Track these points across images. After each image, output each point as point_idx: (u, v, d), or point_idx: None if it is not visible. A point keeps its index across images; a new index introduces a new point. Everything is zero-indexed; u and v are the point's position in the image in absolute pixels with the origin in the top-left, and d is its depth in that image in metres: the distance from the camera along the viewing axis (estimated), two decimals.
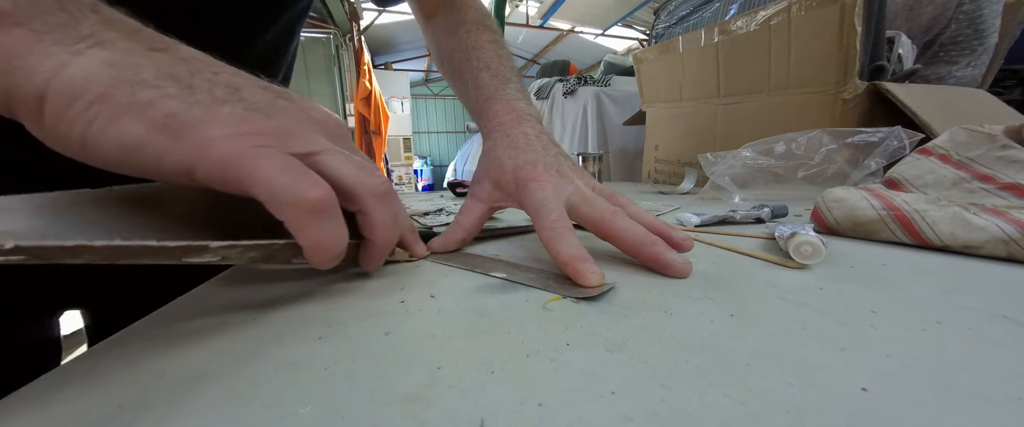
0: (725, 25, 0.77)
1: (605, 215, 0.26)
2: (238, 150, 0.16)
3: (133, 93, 0.15)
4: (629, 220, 0.26)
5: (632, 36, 4.22)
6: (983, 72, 0.83)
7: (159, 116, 0.15)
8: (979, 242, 0.26)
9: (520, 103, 0.34)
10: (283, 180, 0.16)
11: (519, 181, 0.29)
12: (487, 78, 0.35)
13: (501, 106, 0.33)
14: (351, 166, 0.20)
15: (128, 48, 0.15)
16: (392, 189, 0.22)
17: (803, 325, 0.17)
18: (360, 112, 3.04)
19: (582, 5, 3.49)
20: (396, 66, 5.05)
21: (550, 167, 0.29)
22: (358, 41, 3.03)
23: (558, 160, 0.30)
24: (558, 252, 0.24)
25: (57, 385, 0.14)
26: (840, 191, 0.35)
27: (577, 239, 0.24)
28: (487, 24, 0.39)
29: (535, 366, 0.15)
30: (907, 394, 0.13)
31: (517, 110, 0.33)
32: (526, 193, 0.28)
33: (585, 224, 0.27)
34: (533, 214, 0.27)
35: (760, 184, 0.57)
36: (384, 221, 0.21)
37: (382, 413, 0.12)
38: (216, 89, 0.17)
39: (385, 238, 0.22)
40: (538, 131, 0.32)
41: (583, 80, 1.70)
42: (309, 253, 0.18)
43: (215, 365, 0.15)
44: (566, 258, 0.23)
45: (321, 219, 0.17)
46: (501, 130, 0.32)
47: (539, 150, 0.30)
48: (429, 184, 6.39)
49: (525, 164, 0.29)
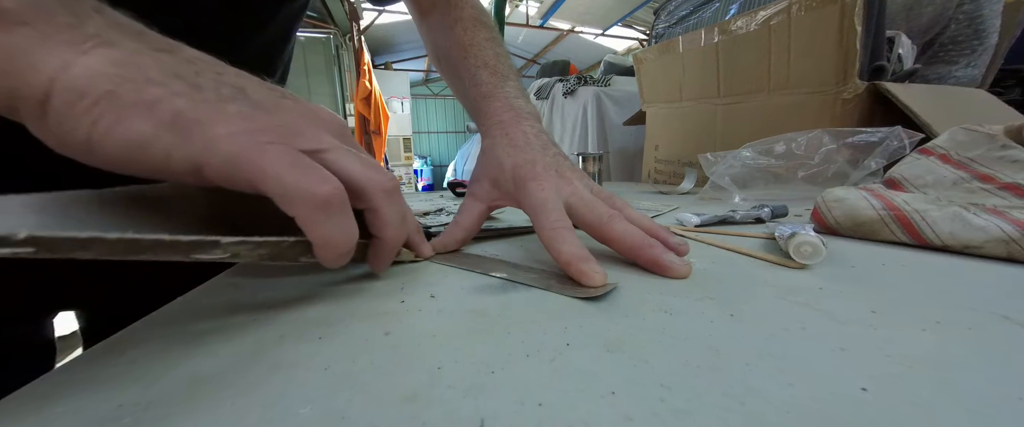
0: (725, 25, 0.77)
1: (602, 218, 0.26)
2: (247, 146, 0.16)
3: (140, 91, 0.15)
4: (627, 224, 0.26)
5: (632, 36, 4.22)
6: (983, 72, 0.83)
7: (167, 114, 0.15)
8: (979, 242, 0.26)
9: (519, 101, 0.34)
10: (293, 175, 0.16)
11: (518, 180, 0.29)
12: (485, 76, 0.35)
13: (500, 104, 0.33)
14: (360, 163, 0.20)
15: (134, 48, 0.15)
16: (399, 187, 0.22)
17: (803, 325, 0.17)
18: (360, 112, 3.04)
19: (582, 5, 3.49)
20: (396, 66, 5.05)
21: (549, 167, 0.29)
22: (358, 41, 3.03)
23: (557, 160, 0.30)
24: (560, 252, 0.24)
25: (57, 385, 0.14)
26: (840, 191, 0.35)
27: (578, 239, 0.24)
28: (483, 21, 0.39)
29: (535, 366, 0.15)
30: (907, 394, 0.13)
31: (516, 108, 0.33)
32: (525, 193, 0.28)
33: (583, 227, 0.27)
34: (533, 214, 0.27)
35: (760, 184, 0.57)
36: (393, 218, 0.21)
37: (382, 413, 0.12)
38: (222, 88, 0.17)
39: (394, 236, 0.22)
40: (537, 130, 0.32)
41: (583, 80, 1.70)
42: (319, 250, 0.18)
43: (215, 365, 0.15)
44: (569, 258, 0.23)
45: (332, 215, 0.17)
46: (500, 128, 0.32)
47: (538, 149, 0.30)
48: (429, 184, 6.39)
49: (524, 163, 0.29)
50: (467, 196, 0.32)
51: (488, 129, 0.32)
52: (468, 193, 0.32)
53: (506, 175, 0.29)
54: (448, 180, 1.49)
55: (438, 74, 0.47)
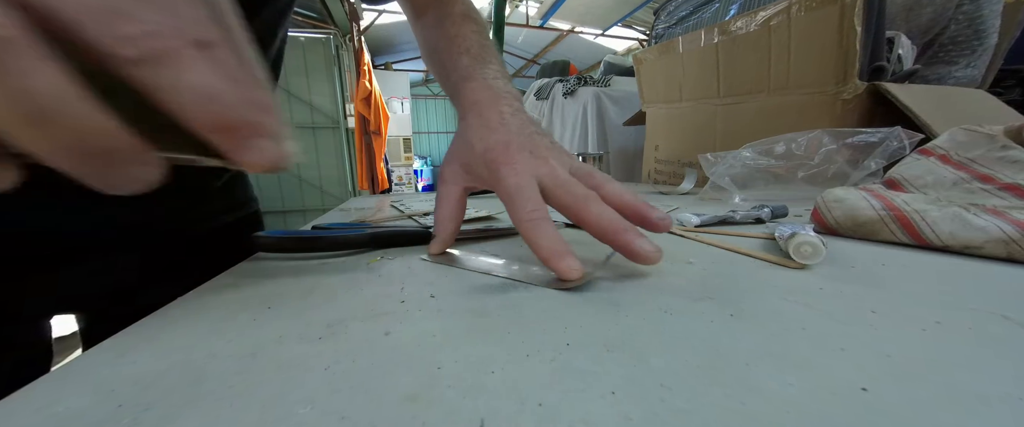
0: (725, 25, 0.77)
1: (578, 200, 0.25)
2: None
3: None
4: (602, 205, 0.25)
5: (632, 36, 4.22)
6: (983, 72, 0.83)
7: None
8: (979, 242, 0.26)
9: (498, 82, 0.33)
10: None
11: (490, 165, 0.27)
12: (466, 60, 0.34)
13: (477, 85, 0.32)
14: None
15: None
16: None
17: (803, 325, 0.17)
18: (360, 112, 3.04)
19: (582, 5, 3.49)
20: (396, 66, 5.05)
21: (523, 148, 0.28)
22: (358, 41, 3.03)
23: (532, 139, 0.29)
24: (539, 247, 0.23)
25: (57, 385, 0.14)
26: (840, 191, 0.35)
27: (555, 230, 0.24)
28: (472, 16, 0.39)
29: (535, 366, 0.15)
30: (907, 394, 0.13)
31: (494, 88, 0.32)
32: (498, 179, 0.26)
33: (559, 210, 0.26)
34: (507, 202, 0.26)
35: (760, 184, 0.57)
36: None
37: (382, 413, 0.12)
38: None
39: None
40: (515, 109, 0.31)
41: (583, 80, 1.70)
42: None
43: (215, 365, 0.15)
44: (547, 253, 0.23)
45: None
46: (475, 110, 0.30)
47: (513, 130, 0.29)
48: (429, 184, 6.39)
49: (496, 145, 0.28)
50: (439, 182, 0.30)
51: (465, 112, 0.31)
52: (440, 179, 0.30)
53: (477, 158, 0.28)
54: None
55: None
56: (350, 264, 0.28)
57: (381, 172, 3.34)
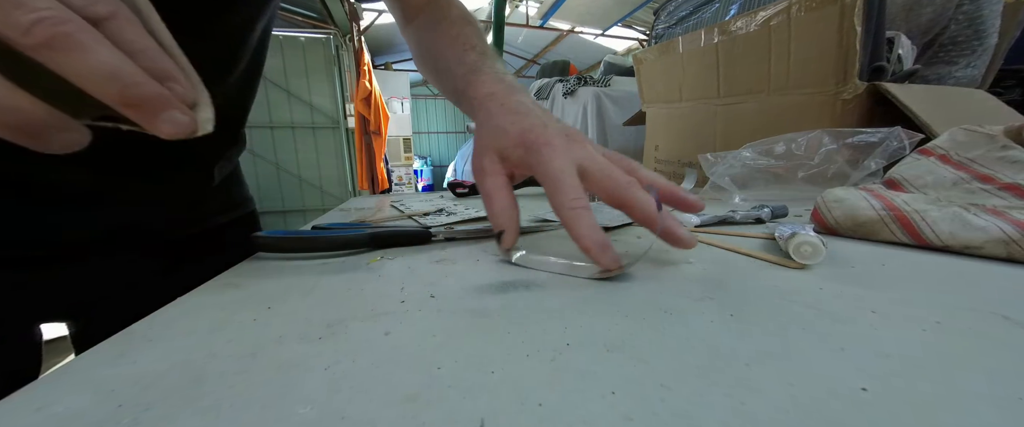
0: (725, 26, 0.77)
1: (620, 187, 0.26)
2: None
3: None
4: (643, 191, 0.26)
5: (632, 36, 4.22)
6: (983, 72, 0.83)
7: None
8: (979, 242, 0.26)
9: (508, 77, 0.32)
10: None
11: (529, 146, 0.27)
12: (474, 56, 0.34)
13: (489, 77, 0.32)
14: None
15: None
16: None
17: (803, 325, 0.17)
18: (360, 112, 3.04)
19: (582, 5, 3.49)
20: (396, 66, 5.05)
21: (560, 131, 0.27)
22: (358, 41, 3.03)
23: (564, 125, 0.29)
24: (580, 236, 0.24)
25: (57, 386, 0.14)
26: (840, 191, 0.35)
27: (595, 221, 0.24)
28: (470, 20, 0.39)
29: (535, 366, 0.15)
30: (907, 394, 0.13)
31: (506, 81, 0.31)
32: (539, 159, 0.26)
33: (599, 193, 0.26)
34: (550, 187, 0.25)
35: (760, 184, 0.57)
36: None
37: (382, 413, 0.12)
38: None
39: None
40: (533, 101, 0.30)
41: (583, 80, 1.70)
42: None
43: (215, 365, 0.15)
44: (589, 243, 0.24)
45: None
46: (494, 99, 0.29)
47: (541, 114, 0.28)
48: (429, 184, 6.39)
49: (533, 127, 0.27)
50: (480, 176, 0.28)
51: (481, 102, 0.30)
52: (478, 172, 0.28)
53: (513, 142, 0.27)
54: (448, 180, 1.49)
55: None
56: (350, 264, 0.28)
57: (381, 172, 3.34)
